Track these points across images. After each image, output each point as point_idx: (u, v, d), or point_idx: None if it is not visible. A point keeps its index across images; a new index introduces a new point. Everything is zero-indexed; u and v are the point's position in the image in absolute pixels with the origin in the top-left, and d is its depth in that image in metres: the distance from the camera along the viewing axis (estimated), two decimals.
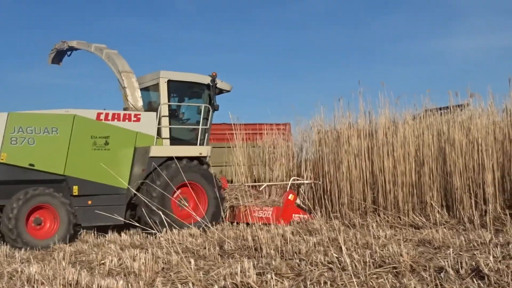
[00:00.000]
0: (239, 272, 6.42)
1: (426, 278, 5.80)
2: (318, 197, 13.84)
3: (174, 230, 10.90)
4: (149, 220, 11.37)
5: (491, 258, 6.10)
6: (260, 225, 10.55)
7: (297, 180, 14.09)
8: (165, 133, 13.02)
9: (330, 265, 6.75)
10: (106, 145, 12.21)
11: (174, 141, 13.20)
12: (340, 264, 6.65)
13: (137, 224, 11.29)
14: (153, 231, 10.31)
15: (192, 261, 7.20)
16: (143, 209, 12.02)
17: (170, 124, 13.16)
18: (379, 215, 12.14)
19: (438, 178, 11.96)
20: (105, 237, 11.62)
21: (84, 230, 12.55)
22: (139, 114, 12.78)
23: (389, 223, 11.37)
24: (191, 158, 12.91)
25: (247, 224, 11.65)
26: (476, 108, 12.18)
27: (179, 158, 12.53)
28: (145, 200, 11.92)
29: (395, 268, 6.39)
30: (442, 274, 5.85)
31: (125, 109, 13.08)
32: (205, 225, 11.10)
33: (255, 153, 15.97)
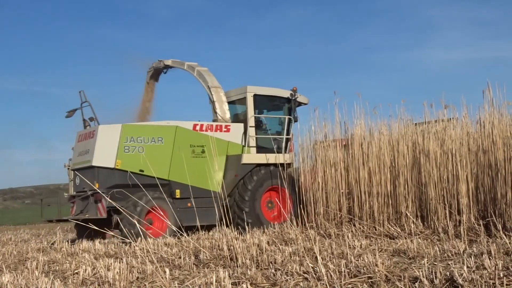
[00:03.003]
0: (214, 281, 6.39)
1: None
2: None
3: (149, 239, 10.95)
4: (242, 221, 13.22)
5: (465, 268, 6.14)
6: (235, 235, 10.53)
7: None
8: (252, 142, 14.57)
9: (306, 275, 6.74)
10: (203, 153, 13.80)
11: (260, 149, 14.69)
12: (315, 274, 6.65)
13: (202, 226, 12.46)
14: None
15: (167, 270, 7.14)
16: (236, 211, 13.68)
17: (256, 134, 14.70)
18: (354, 225, 12.18)
19: (413, 188, 12.04)
20: (79, 246, 11.51)
21: (59, 239, 12.44)
22: (229, 125, 14.47)
23: (364, 233, 11.42)
24: (276, 165, 14.11)
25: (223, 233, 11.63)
26: (450, 119, 12.29)
27: (267, 165, 14.20)
28: (237, 203, 13.76)
29: (370, 278, 6.40)
30: (416, 284, 5.87)
31: (214, 120, 14.68)
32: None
33: None
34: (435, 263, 7.22)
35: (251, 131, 14.59)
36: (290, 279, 6.64)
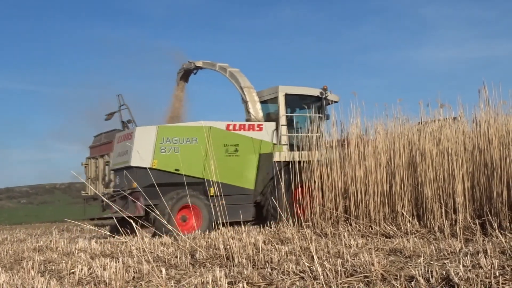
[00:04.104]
0: (210, 281, 6.39)
1: (397, 287, 5.82)
2: (290, 206, 13.91)
3: (145, 239, 10.93)
4: (274, 219, 13.53)
5: (461, 267, 6.14)
6: (232, 234, 10.53)
7: None
8: (284, 140, 14.92)
9: (302, 274, 6.74)
10: (236, 152, 14.26)
11: (291, 147, 14.99)
12: (311, 273, 6.65)
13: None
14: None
15: (163, 270, 7.13)
16: (269, 208, 13.97)
17: (287, 133, 15.09)
18: (350, 224, 12.19)
19: (409, 187, 12.06)
20: (76, 246, 11.50)
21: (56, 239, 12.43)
22: (262, 124, 14.86)
23: (360, 232, 11.42)
24: (307, 162, 14.26)
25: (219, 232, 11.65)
26: (446, 118, 12.31)
27: (298, 162, 14.21)
28: (271, 200, 13.87)
29: (366, 277, 6.40)
30: (412, 283, 5.87)
31: (247, 120, 15.09)
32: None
33: None
34: (431, 262, 7.22)
35: (283, 129, 15.02)
36: (286, 278, 6.64)
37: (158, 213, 12.13)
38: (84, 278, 7.60)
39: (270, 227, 12.87)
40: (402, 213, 11.69)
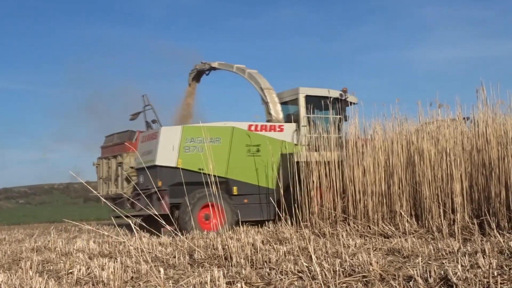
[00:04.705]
0: (209, 281, 6.39)
1: (395, 287, 5.83)
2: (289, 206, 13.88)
3: (143, 239, 10.94)
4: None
5: (459, 267, 6.15)
6: (230, 234, 10.53)
7: None
8: (305, 141, 15.05)
9: (300, 274, 6.75)
10: (258, 152, 14.44)
11: (312, 148, 14.93)
12: (310, 273, 6.65)
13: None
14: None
15: (162, 270, 7.14)
16: (292, 207, 13.40)
17: (308, 134, 15.14)
18: (349, 224, 12.19)
19: (408, 187, 12.06)
20: (74, 246, 11.49)
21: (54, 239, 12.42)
22: (283, 125, 15.06)
23: (358, 232, 11.43)
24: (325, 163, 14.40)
25: (217, 232, 11.65)
26: (444, 119, 12.31)
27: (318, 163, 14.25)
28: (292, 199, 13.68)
29: (364, 277, 6.41)
30: (411, 283, 5.88)
31: (268, 121, 15.28)
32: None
33: None
34: (429, 262, 7.23)
35: (304, 130, 15.15)
36: (284, 278, 6.64)
37: (183, 211, 13.19)
38: (82, 278, 7.59)
39: (269, 227, 12.87)
40: (400, 213, 11.70)
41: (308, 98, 15.51)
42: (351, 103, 16.01)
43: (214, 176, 13.19)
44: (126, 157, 17.61)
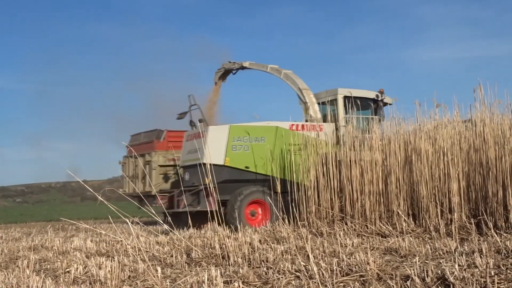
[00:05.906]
0: (206, 280, 6.38)
1: (393, 286, 5.83)
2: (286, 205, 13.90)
3: (140, 238, 10.93)
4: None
5: (456, 266, 6.16)
6: (227, 233, 10.53)
7: None
8: (344, 141, 14.81)
9: (298, 273, 6.75)
10: (299, 150, 14.42)
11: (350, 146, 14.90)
12: (307, 273, 6.65)
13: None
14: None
15: (159, 269, 7.13)
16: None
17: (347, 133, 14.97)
18: (346, 224, 12.19)
19: (405, 187, 12.06)
20: (71, 244, 11.49)
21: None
22: (322, 125, 15.37)
23: (356, 232, 11.43)
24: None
25: (214, 231, 11.63)
26: (442, 118, 12.32)
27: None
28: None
29: (362, 276, 6.41)
30: (408, 283, 5.88)
31: (306, 121, 15.62)
32: None
33: None
34: (426, 261, 7.24)
35: (342, 130, 15.38)
36: (282, 277, 6.64)
37: (230, 207, 13.85)
38: (80, 277, 7.58)
39: (266, 226, 12.88)
40: (398, 213, 11.70)
41: (347, 99, 15.73)
42: (387, 103, 16.37)
43: (260, 174, 14.10)
44: (154, 156, 17.90)
